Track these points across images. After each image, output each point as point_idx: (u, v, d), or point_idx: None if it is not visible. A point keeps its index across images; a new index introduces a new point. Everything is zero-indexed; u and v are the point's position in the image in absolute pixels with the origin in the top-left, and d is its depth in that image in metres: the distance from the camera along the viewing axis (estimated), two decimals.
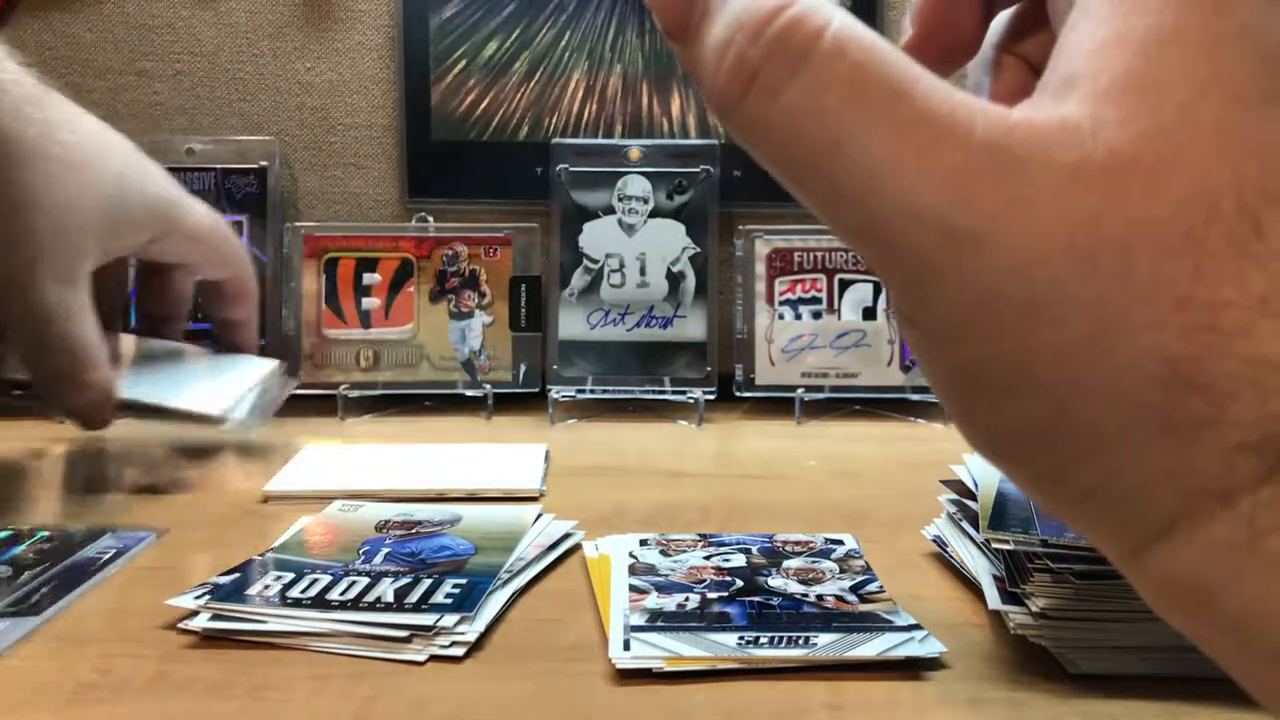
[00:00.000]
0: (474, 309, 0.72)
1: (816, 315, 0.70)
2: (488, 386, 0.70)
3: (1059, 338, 0.17)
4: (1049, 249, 0.17)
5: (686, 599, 0.37)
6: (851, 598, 0.38)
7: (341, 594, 0.37)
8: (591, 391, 0.70)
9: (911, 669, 0.33)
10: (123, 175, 0.51)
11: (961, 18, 0.24)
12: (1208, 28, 0.18)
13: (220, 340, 0.62)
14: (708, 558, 0.42)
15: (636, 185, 0.73)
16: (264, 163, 0.74)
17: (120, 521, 0.45)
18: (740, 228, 0.72)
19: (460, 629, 0.35)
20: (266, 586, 0.37)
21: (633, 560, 0.41)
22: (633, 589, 0.38)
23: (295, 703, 0.31)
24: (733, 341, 0.71)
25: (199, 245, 0.56)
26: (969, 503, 0.41)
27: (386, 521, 0.45)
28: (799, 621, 0.36)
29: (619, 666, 0.33)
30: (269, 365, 0.61)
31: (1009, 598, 0.35)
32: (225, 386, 0.57)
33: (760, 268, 0.71)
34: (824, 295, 0.71)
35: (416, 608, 0.36)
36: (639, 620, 0.36)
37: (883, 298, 0.70)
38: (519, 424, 0.67)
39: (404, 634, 0.34)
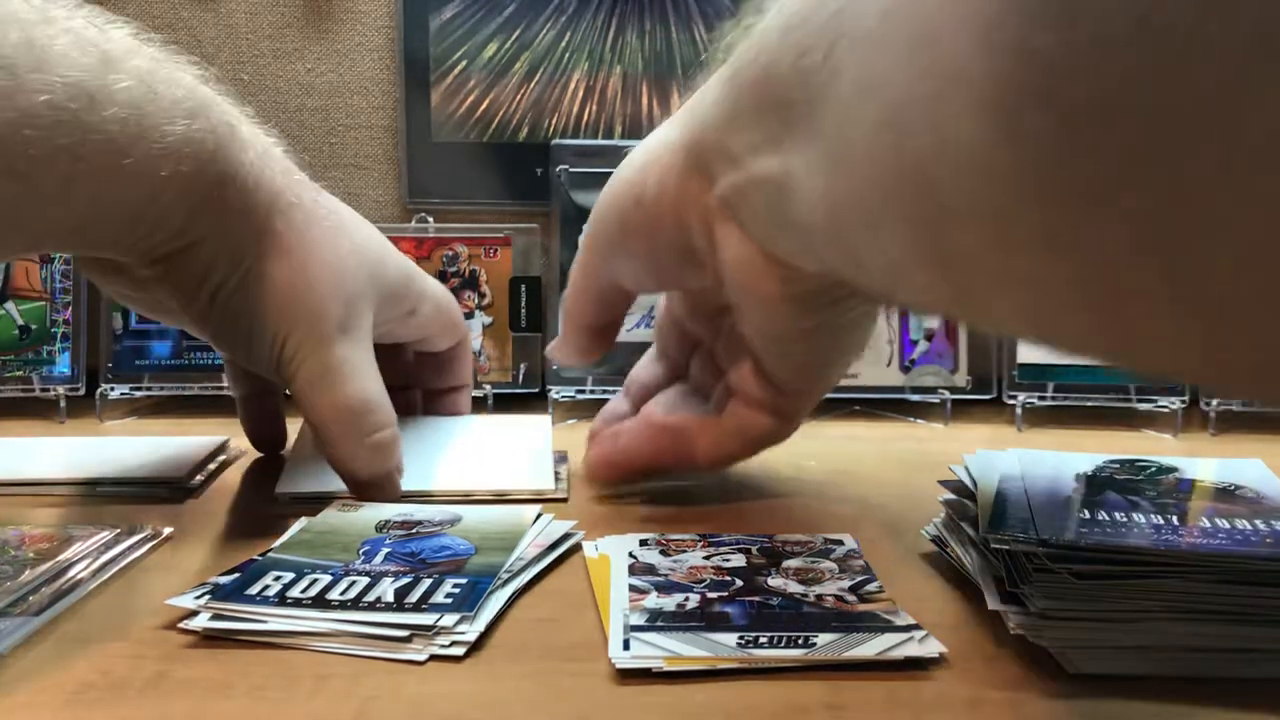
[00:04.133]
0: (474, 310, 0.73)
1: None
2: (488, 387, 0.70)
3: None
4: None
5: (686, 599, 0.37)
6: (851, 598, 0.38)
7: (341, 594, 0.37)
8: (591, 392, 0.70)
9: (911, 669, 0.33)
10: (377, 247, 0.51)
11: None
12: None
13: (431, 405, 0.60)
14: (708, 557, 0.42)
15: None
16: None
17: (121, 521, 0.45)
18: None
19: (460, 629, 0.35)
20: (266, 586, 0.37)
21: (633, 560, 0.41)
22: (633, 589, 0.38)
23: (295, 703, 0.31)
24: None
25: (439, 318, 0.55)
26: (968, 503, 0.41)
27: (386, 521, 0.45)
28: (799, 621, 0.36)
29: (619, 666, 0.33)
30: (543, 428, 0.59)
31: (1009, 598, 0.35)
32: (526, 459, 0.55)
33: None
34: None
35: (416, 607, 0.36)
36: (639, 620, 0.36)
37: None
38: None
39: (404, 634, 0.34)
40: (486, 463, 0.54)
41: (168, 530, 0.45)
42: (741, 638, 0.34)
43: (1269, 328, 0.19)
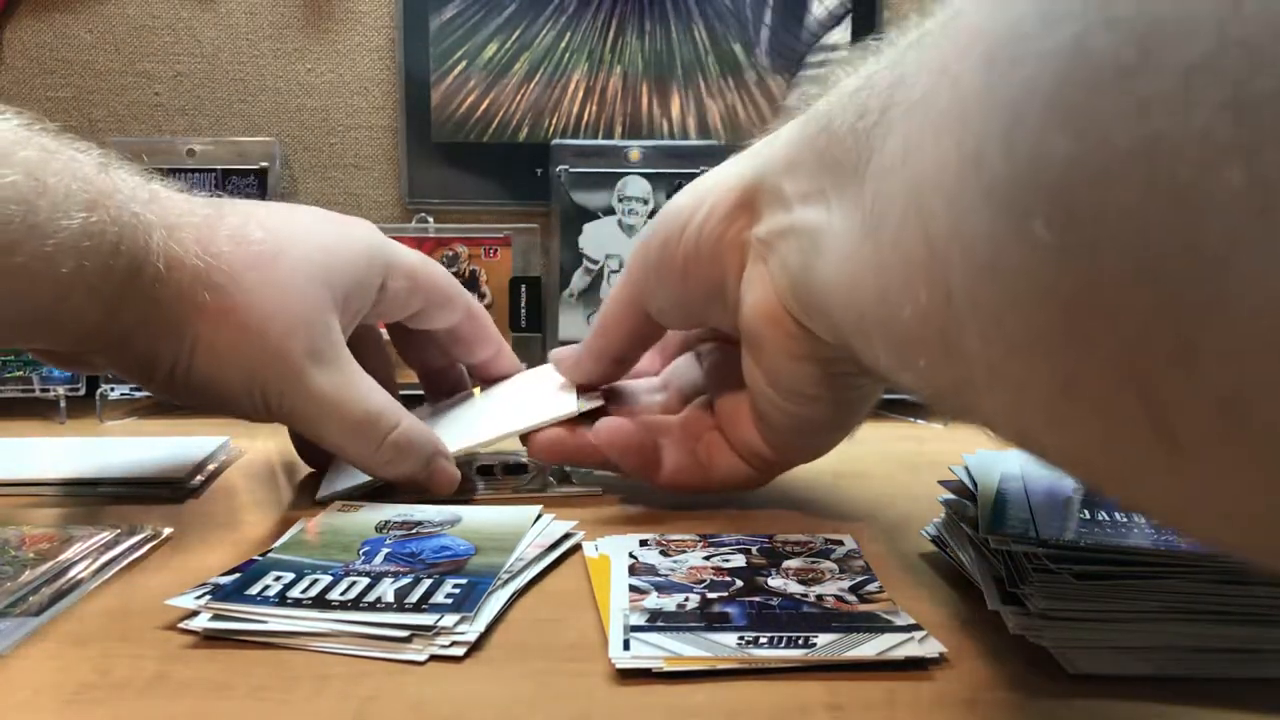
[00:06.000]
0: None
1: None
2: None
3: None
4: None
5: (686, 599, 0.37)
6: (851, 598, 0.38)
7: (341, 594, 0.37)
8: None
9: (911, 669, 0.33)
10: (323, 243, 0.49)
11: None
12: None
13: (474, 377, 0.60)
14: (708, 558, 0.42)
15: (636, 186, 0.73)
16: (264, 164, 0.75)
17: (121, 521, 0.45)
18: None
19: (460, 629, 0.35)
20: (266, 587, 0.37)
21: (633, 560, 0.41)
22: (633, 589, 0.38)
23: (295, 703, 0.31)
24: None
25: (417, 281, 0.53)
26: (968, 503, 0.41)
27: (386, 522, 0.45)
28: (799, 621, 0.36)
29: (619, 666, 0.33)
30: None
31: (1009, 598, 0.35)
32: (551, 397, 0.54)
33: None
34: None
35: (416, 608, 0.36)
36: (639, 620, 0.36)
37: None
38: None
39: (404, 634, 0.34)
40: (513, 410, 0.54)
41: (168, 530, 0.45)
42: (741, 638, 0.34)
43: (1247, 486, 0.18)
